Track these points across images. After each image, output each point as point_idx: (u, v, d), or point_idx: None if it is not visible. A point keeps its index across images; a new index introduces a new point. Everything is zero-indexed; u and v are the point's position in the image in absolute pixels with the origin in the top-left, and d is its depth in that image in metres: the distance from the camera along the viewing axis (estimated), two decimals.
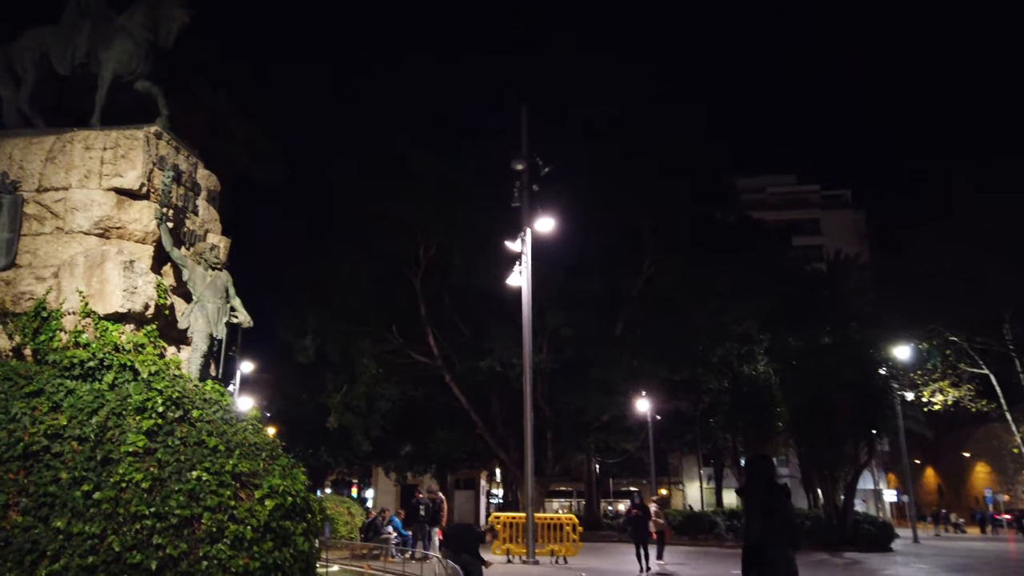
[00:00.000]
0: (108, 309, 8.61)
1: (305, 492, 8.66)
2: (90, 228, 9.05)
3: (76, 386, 8.15)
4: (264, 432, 9.27)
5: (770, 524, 7.12)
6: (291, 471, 8.75)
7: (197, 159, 10.77)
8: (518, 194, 20.40)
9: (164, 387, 8.18)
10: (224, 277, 9.87)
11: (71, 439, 7.73)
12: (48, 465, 7.57)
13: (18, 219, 9.13)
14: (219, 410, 8.75)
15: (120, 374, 8.36)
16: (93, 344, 8.47)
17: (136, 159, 9.31)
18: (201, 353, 9.36)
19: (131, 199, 9.37)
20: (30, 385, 7.94)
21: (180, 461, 7.77)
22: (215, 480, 7.69)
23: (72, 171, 9.22)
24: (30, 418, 7.71)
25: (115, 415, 7.92)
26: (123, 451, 7.64)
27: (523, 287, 19.54)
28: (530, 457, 17.32)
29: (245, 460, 8.24)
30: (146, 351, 8.70)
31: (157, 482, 7.55)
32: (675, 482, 58.10)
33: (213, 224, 10.94)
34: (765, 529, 7.10)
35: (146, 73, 10.55)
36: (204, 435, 8.06)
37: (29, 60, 10.35)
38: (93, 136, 9.39)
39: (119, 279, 8.60)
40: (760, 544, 7.09)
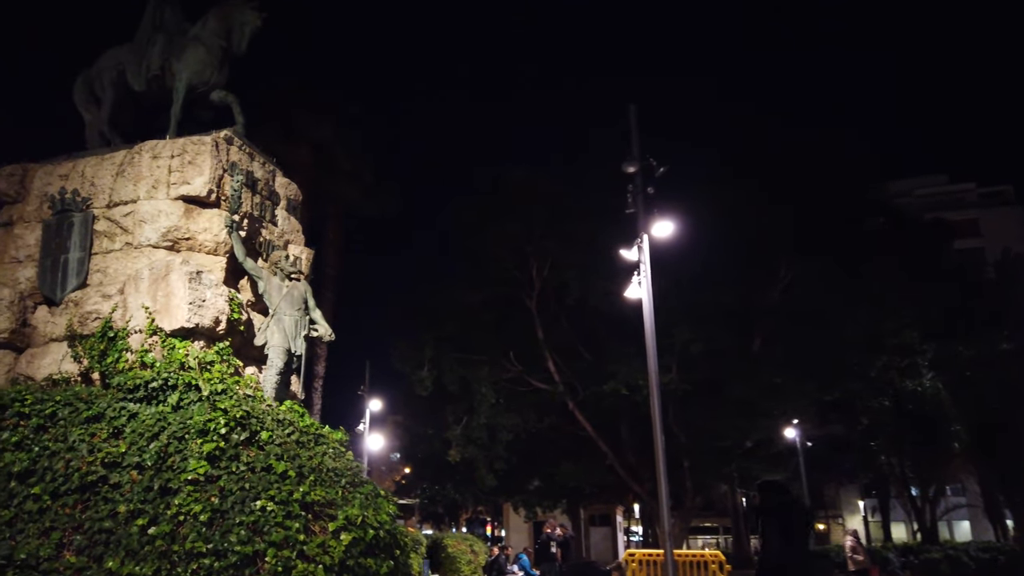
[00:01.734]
0: (174, 324, 7.85)
1: (392, 524, 7.43)
2: (158, 240, 8.41)
3: (139, 409, 7.38)
4: (347, 456, 8.17)
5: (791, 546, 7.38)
6: (375, 500, 7.56)
7: (275, 167, 10.06)
8: (631, 199, 18.75)
9: (229, 407, 7.25)
10: (302, 288, 8.98)
11: (130, 467, 6.91)
12: (106, 498, 6.77)
13: (88, 237, 8.66)
14: (294, 432, 7.74)
15: (185, 394, 7.53)
16: (158, 363, 7.71)
17: (203, 164, 8.64)
18: (277, 370, 8.44)
19: (200, 208, 8.69)
20: (90, 410, 7.23)
21: (244, 490, 6.75)
22: (282, 511, 6.60)
23: (140, 182, 8.68)
24: (88, 446, 6.97)
25: (176, 439, 7.04)
26: (183, 479, 6.73)
27: (643, 298, 17.78)
28: (664, 488, 15.41)
29: (319, 487, 7.13)
30: (214, 369, 7.85)
31: (218, 514, 6.55)
32: (833, 515, 52.99)
33: (294, 235, 10.17)
34: (783, 552, 7.35)
35: (221, 82, 10.03)
36: (272, 459, 7.02)
37: (107, 80, 10.08)
38: (161, 145, 8.84)
39: (184, 291, 7.84)
40: (784, 565, 7.29)
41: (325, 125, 22.52)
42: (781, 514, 7.71)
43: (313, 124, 22.32)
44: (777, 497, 7.87)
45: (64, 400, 7.32)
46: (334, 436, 8.45)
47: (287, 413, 7.95)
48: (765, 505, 8.01)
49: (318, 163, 22.80)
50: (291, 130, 22.10)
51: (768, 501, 7.96)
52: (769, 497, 7.98)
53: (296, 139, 22.05)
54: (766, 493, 8.17)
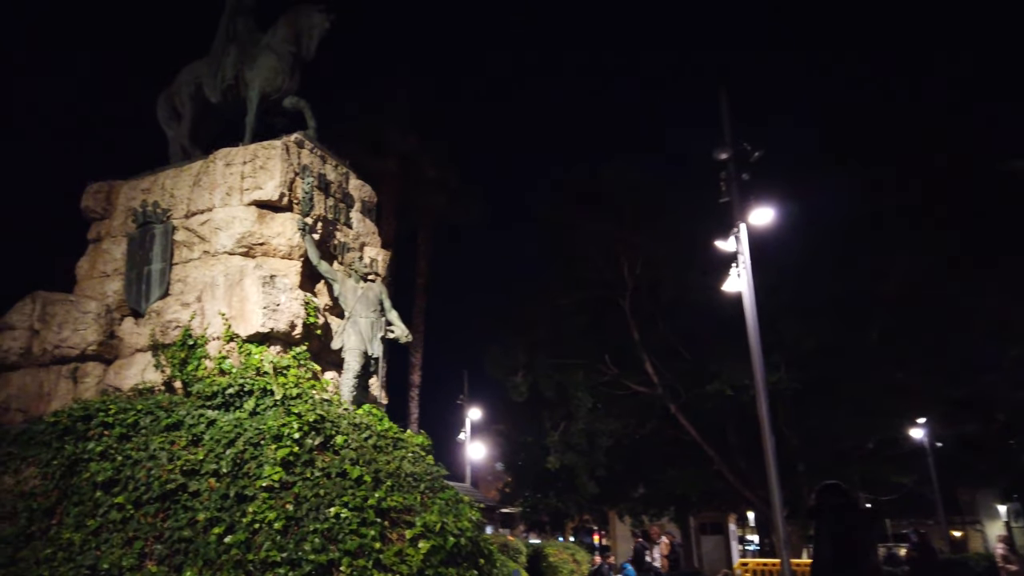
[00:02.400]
0: (249, 330, 7.75)
1: (474, 531, 7.00)
2: (233, 247, 8.37)
3: (217, 416, 7.28)
4: (426, 460, 7.82)
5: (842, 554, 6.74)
6: (456, 506, 7.16)
7: (348, 169, 9.91)
8: (725, 186, 17.74)
9: (303, 411, 7.03)
10: (377, 289, 8.73)
11: (208, 475, 6.80)
12: (185, 506, 6.68)
13: (169, 247, 8.73)
14: (371, 436, 7.45)
15: (261, 400, 7.38)
16: (235, 369, 7.61)
17: (274, 168, 8.55)
18: (354, 373, 8.20)
19: (272, 212, 8.61)
20: (169, 418, 7.19)
21: (319, 496, 6.50)
22: (356, 518, 6.30)
23: (215, 191, 8.68)
24: (168, 454, 6.91)
25: (252, 445, 6.89)
26: (258, 486, 6.55)
27: (744, 291, 16.74)
28: (776, 493, 14.35)
29: (397, 493, 6.80)
30: (289, 373, 7.68)
31: (292, 521, 6.33)
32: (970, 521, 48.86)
33: (370, 236, 9.97)
34: (837, 559, 6.72)
35: (294, 88, 9.99)
36: (347, 464, 6.74)
37: (186, 95, 10.24)
38: (234, 152, 8.82)
39: (258, 296, 7.72)
40: None
41: (411, 136, 22.62)
42: (835, 517, 6.96)
43: (400, 136, 22.47)
44: (832, 499, 7.10)
45: (145, 409, 7.31)
46: (414, 440, 8.13)
47: (364, 417, 7.68)
48: (819, 507, 7.21)
49: (405, 173, 22.93)
50: (380, 142, 22.33)
51: (822, 504, 7.17)
52: (824, 499, 7.18)
53: (385, 151, 22.25)
54: (822, 495, 7.31)
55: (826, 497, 7.18)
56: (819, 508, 7.20)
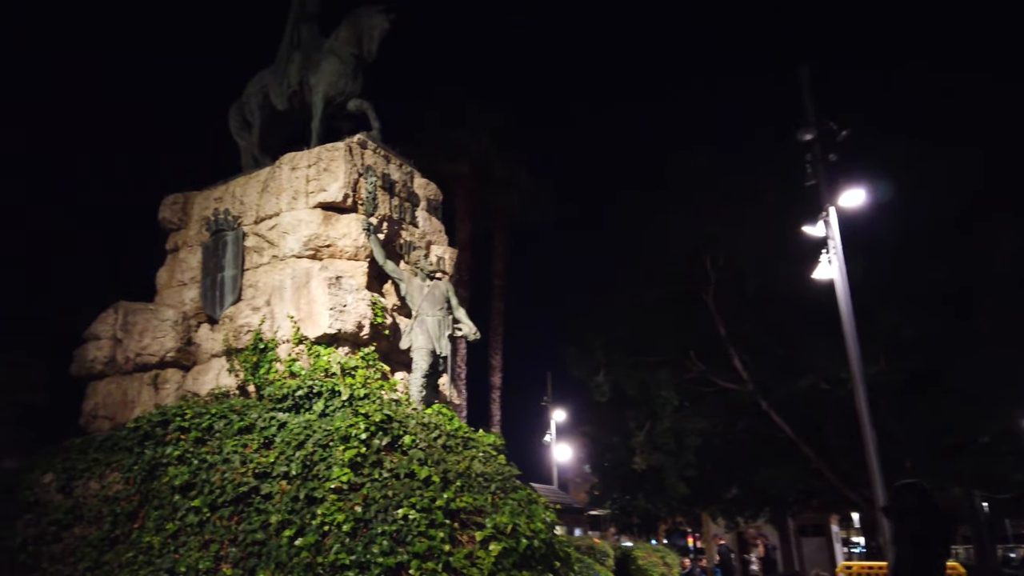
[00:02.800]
0: (317, 332, 7.73)
1: (548, 533, 6.71)
2: (300, 250, 8.39)
3: (288, 418, 7.27)
4: (498, 460, 7.59)
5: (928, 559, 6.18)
6: (528, 507, 6.89)
7: (412, 168, 9.83)
8: (811, 169, 16.87)
9: (371, 411, 6.93)
10: (443, 287, 8.58)
11: (279, 477, 6.79)
12: (258, 508, 6.68)
13: (240, 253, 8.85)
14: (440, 435, 7.29)
15: (330, 401, 7.33)
16: (304, 372, 7.60)
17: (337, 170, 8.54)
18: (422, 372, 8.06)
19: (337, 214, 8.59)
20: (242, 421, 7.22)
21: (387, 497, 6.37)
22: (424, 519, 6.12)
23: (281, 195, 8.74)
24: (240, 457, 6.94)
25: (321, 447, 6.83)
26: (327, 488, 6.47)
27: (836, 277, 15.88)
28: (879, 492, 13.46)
29: (467, 494, 6.60)
30: (357, 373, 7.60)
31: (361, 523, 6.21)
32: None
33: (436, 235, 9.85)
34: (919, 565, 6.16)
35: (357, 91, 9.99)
36: (415, 465, 6.59)
37: (255, 104, 10.41)
38: (299, 156, 8.86)
39: (324, 297, 7.69)
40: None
41: (482, 137, 22.57)
42: (918, 520, 6.35)
43: (471, 137, 22.44)
44: (913, 499, 6.49)
45: (219, 413, 7.38)
46: (486, 440, 7.92)
47: (433, 416, 7.52)
48: (898, 508, 6.63)
49: (477, 175, 22.88)
50: (451, 145, 22.38)
51: (902, 504, 6.59)
52: (904, 500, 6.59)
53: (455, 154, 22.27)
54: (901, 495, 6.70)
55: (907, 497, 6.59)
56: (897, 508, 6.67)
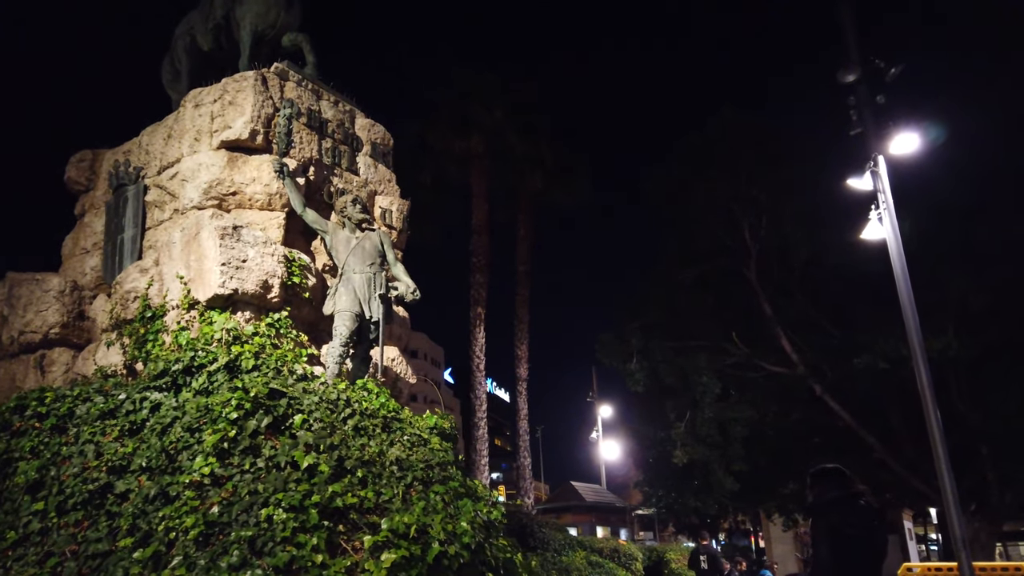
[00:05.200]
0: (208, 293, 6.29)
1: (477, 537, 5.08)
2: (201, 200, 6.97)
3: (163, 399, 5.85)
4: (429, 446, 6.00)
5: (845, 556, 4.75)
6: (454, 502, 5.28)
7: (353, 107, 8.33)
8: (856, 115, 14.71)
9: (253, 385, 5.43)
10: (376, 238, 7.05)
11: (138, 472, 5.36)
12: (109, 511, 5.27)
13: (140, 210, 7.48)
14: (352, 416, 5.74)
15: (215, 376, 5.87)
16: (187, 341, 6.16)
17: (244, 102, 7.10)
18: (342, 340, 6.54)
19: (245, 155, 7.15)
20: (105, 404, 5.83)
21: (256, 493, 4.85)
22: (294, 520, 4.57)
23: (184, 137, 7.35)
24: (95, 448, 5.54)
25: (189, 431, 5.37)
26: (183, 482, 5.00)
27: (888, 236, 13.72)
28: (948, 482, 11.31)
29: (368, 487, 5.03)
30: (254, 341, 6.12)
31: (216, 528, 4.71)
32: None
33: (384, 184, 8.33)
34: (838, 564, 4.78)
35: (293, 23, 8.59)
36: (298, 451, 5.05)
37: (182, 49, 9.11)
38: (205, 92, 7.47)
39: (215, 251, 6.24)
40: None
41: (495, 110, 20.94)
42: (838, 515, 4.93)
43: (483, 110, 20.85)
44: (833, 490, 5.07)
45: (83, 395, 6.01)
46: (421, 422, 6.36)
47: (350, 392, 5.99)
48: (816, 503, 5.17)
49: (492, 152, 21.31)
50: (463, 121, 20.88)
51: (820, 496, 5.12)
52: (822, 490, 5.14)
53: (466, 129, 20.73)
54: (818, 483, 5.24)
55: (825, 487, 5.12)
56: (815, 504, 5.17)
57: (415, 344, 73.04)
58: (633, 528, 31.33)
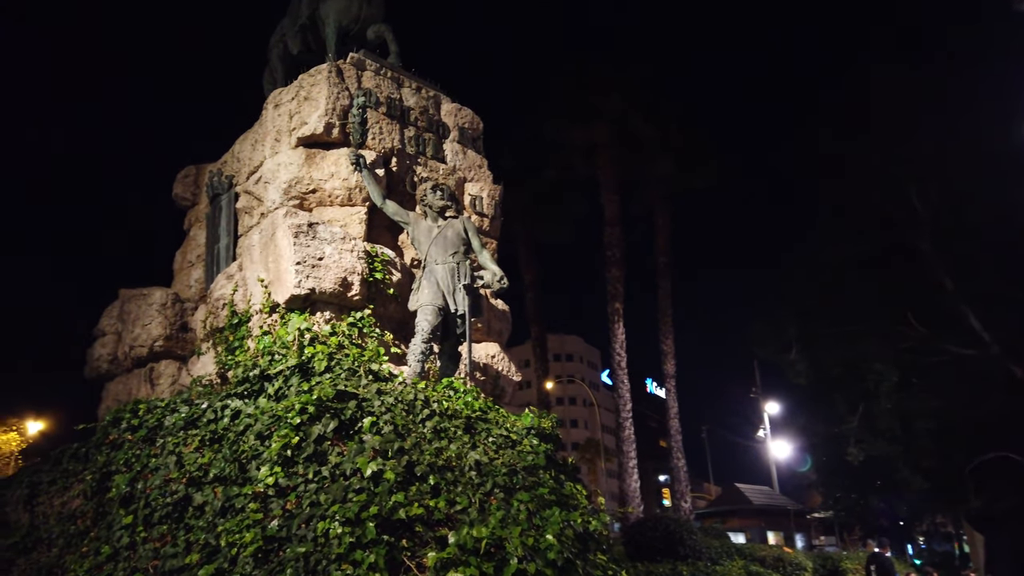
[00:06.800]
0: (284, 294, 6.01)
1: (564, 552, 4.33)
2: (282, 200, 6.76)
3: (242, 406, 5.61)
4: (526, 445, 5.35)
5: None
6: (540, 512, 4.58)
7: (437, 92, 7.89)
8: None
9: (319, 388, 5.04)
10: (458, 226, 6.50)
11: (214, 483, 5.12)
12: (187, 525, 5.05)
13: (232, 218, 7.42)
14: (431, 417, 5.21)
15: (290, 380, 5.55)
16: (264, 346, 5.90)
17: (319, 96, 6.83)
18: (423, 336, 6.02)
19: (323, 150, 6.87)
20: (188, 413, 5.68)
21: (318, 504, 4.41)
22: (350, 535, 4.07)
23: (266, 140, 7.21)
24: (176, 459, 5.37)
25: (260, 439, 5.06)
26: (247, 493, 4.68)
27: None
28: None
29: (440, 496, 4.45)
30: (330, 341, 5.75)
31: (274, 544, 4.31)
32: None
33: (474, 170, 7.80)
34: None
35: (377, 16, 8.32)
36: (363, 457, 4.58)
37: (276, 57, 9.13)
38: (284, 91, 7.30)
39: (290, 250, 5.96)
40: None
41: (614, 95, 19.96)
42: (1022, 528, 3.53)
43: (603, 96, 19.95)
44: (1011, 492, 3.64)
45: (171, 405, 5.91)
46: (515, 422, 5.71)
47: (429, 392, 5.46)
48: (986, 511, 3.75)
49: (620, 141, 20.32)
50: (583, 111, 20.11)
51: (994, 502, 3.70)
52: (997, 492, 3.70)
53: (587, 118, 19.92)
54: (990, 482, 3.76)
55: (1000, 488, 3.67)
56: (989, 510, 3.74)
57: (569, 347, 72.48)
58: (810, 533, 28.85)
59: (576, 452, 58.73)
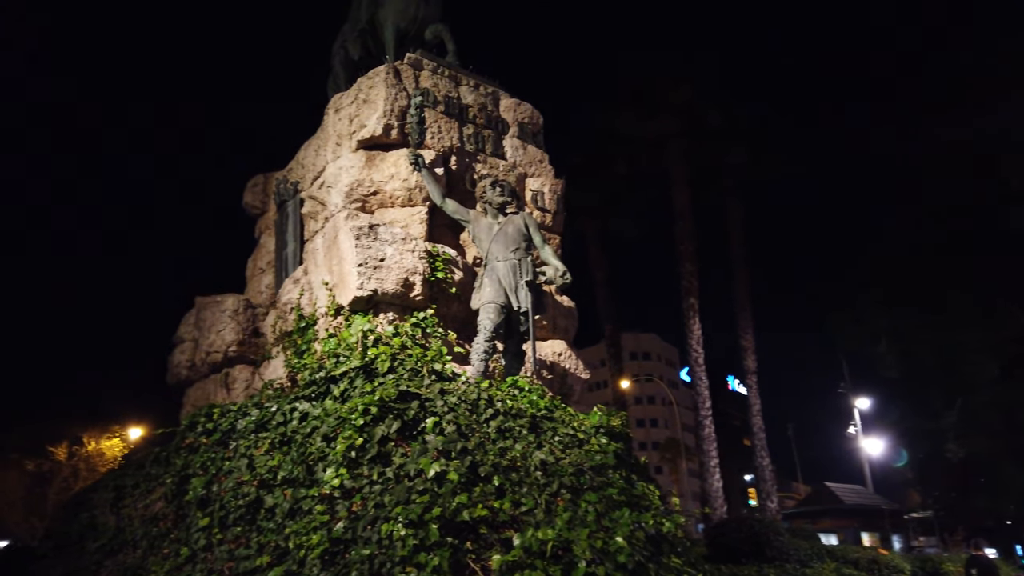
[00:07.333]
0: (348, 296, 6.04)
1: (635, 555, 4.15)
2: (344, 203, 6.80)
3: (309, 408, 5.65)
4: (594, 444, 5.18)
5: None
6: (613, 512, 4.40)
7: (496, 88, 7.80)
8: None
9: (381, 389, 5.01)
10: (519, 222, 6.38)
11: (283, 485, 5.16)
12: (259, 527, 5.11)
13: (298, 223, 7.52)
14: (495, 416, 5.10)
15: (353, 382, 5.55)
16: (328, 348, 5.93)
17: (377, 98, 6.84)
18: (486, 335, 5.93)
19: (382, 152, 6.87)
20: (258, 416, 5.75)
21: (382, 506, 4.37)
22: (413, 537, 4.00)
23: (327, 145, 7.28)
24: (247, 461, 5.45)
25: (326, 440, 5.07)
26: (313, 495, 4.68)
27: None
28: None
29: (504, 497, 4.34)
30: (393, 342, 5.72)
31: (341, 546, 4.29)
32: None
33: (534, 165, 7.67)
34: None
35: (435, 16, 8.32)
36: (425, 458, 4.51)
37: (339, 64, 9.22)
38: (344, 96, 7.37)
39: (352, 252, 5.98)
40: None
41: (684, 85, 19.43)
42: None
43: (672, 87, 19.44)
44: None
45: (242, 409, 6.00)
46: (587, 421, 5.54)
47: (493, 391, 5.35)
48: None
49: (688, 131, 19.77)
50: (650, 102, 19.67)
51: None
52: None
53: (655, 110, 19.46)
54: None
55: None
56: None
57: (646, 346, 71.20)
58: (908, 534, 27.40)
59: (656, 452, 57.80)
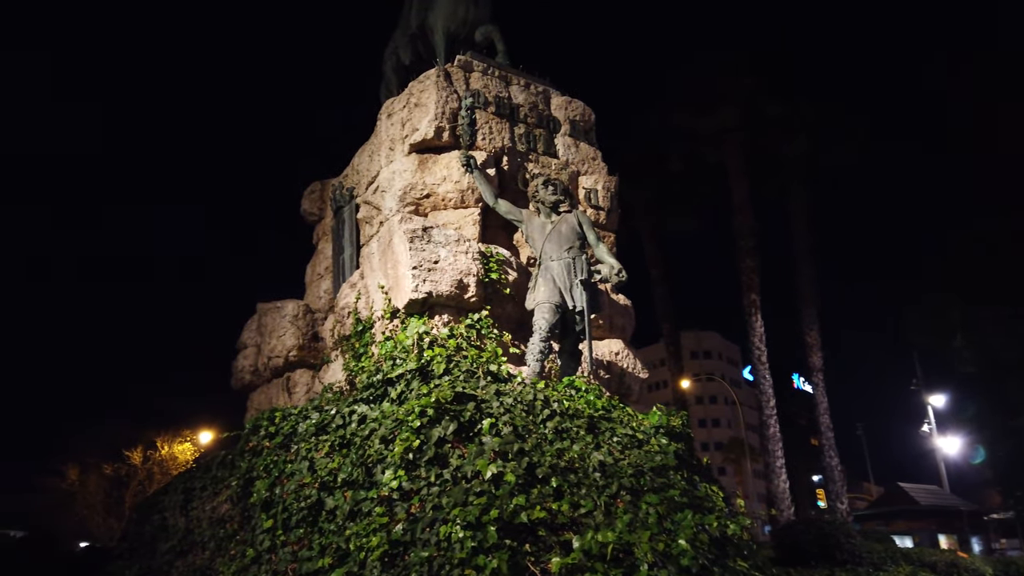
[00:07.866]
0: (403, 299, 6.07)
1: (699, 558, 4.04)
2: (398, 207, 6.84)
3: (368, 411, 5.69)
4: (654, 444, 5.08)
5: None
6: (671, 516, 4.29)
7: (547, 87, 7.75)
8: None
9: (437, 390, 5.01)
10: (572, 220, 6.32)
11: (343, 487, 5.21)
12: (321, 529, 5.18)
13: (354, 228, 7.62)
14: (553, 417, 5.05)
15: (410, 384, 5.57)
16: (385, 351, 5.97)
17: (428, 101, 6.87)
18: (541, 335, 5.87)
19: (434, 155, 6.89)
20: (319, 419, 5.82)
21: (440, 507, 4.37)
22: (471, 539, 3.98)
23: (381, 150, 7.35)
24: (308, 464, 5.52)
25: (384, 442, 5.10)
26: (372, 497, 4.71)
27: None
28: None
29: (565, 498, 4.29)
30: (448, 344, 5.73)
31: (400, 548, 4.30)
32: None
33: (587, 163, 7.59)
34: None
35: (485, 18, 8.33)
36: (482, 459, 4.48)
37: (390, 70, 9.33)
38: (396, 101, 7.43)
39: (406, 255, 6.01)
40: None
41: (741, 77, 18.96)
42: None
43: (728, 79, 18.99)
44: None
45: (303, 412, 6.09)
46: (645, 421, 5.44)
47: (549, 392, 5.29)
48: None
49: (747, 123, 19.29)
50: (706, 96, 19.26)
51: None
52: None
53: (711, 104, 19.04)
54: None
55: None
56: None
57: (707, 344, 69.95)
58: (989, 536, 26.20)
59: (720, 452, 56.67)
